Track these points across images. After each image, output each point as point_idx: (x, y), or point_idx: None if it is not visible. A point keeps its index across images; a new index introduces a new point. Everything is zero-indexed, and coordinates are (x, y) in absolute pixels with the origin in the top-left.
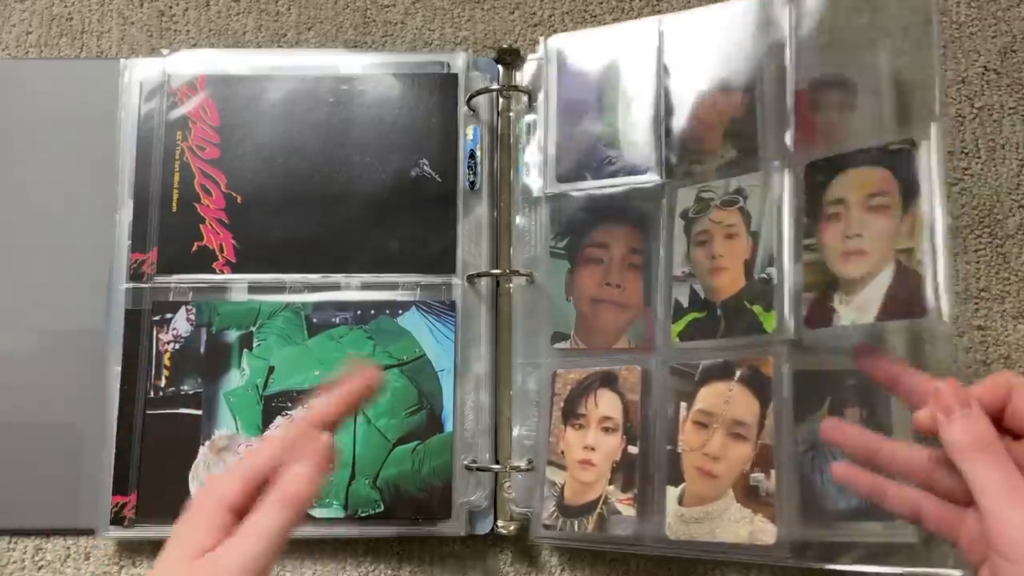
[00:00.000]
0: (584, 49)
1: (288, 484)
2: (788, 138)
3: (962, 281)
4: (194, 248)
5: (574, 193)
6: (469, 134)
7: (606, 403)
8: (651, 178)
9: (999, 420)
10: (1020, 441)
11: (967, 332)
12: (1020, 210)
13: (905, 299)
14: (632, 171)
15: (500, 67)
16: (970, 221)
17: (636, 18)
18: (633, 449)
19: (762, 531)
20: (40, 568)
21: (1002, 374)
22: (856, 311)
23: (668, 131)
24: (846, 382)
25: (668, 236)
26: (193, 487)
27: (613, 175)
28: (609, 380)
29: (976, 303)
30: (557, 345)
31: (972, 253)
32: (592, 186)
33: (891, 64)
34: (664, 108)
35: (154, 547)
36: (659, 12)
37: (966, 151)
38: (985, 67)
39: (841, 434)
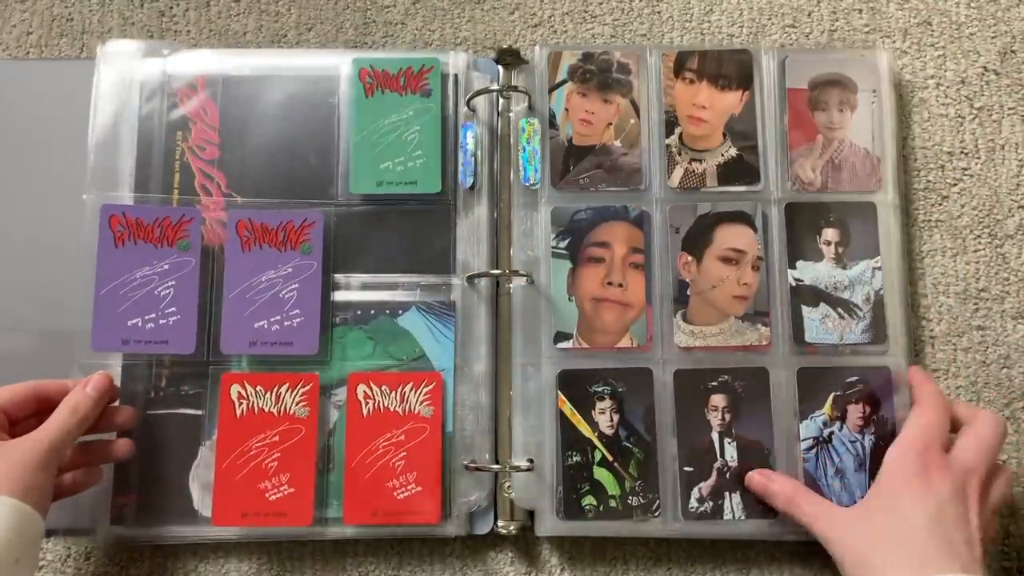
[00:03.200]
0: None
1: (77, 396)
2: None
3: (961, 281)
4: None
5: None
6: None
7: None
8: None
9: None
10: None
11: (966, 332)
12: (1020, 210)
13: None
14: None
15: (500, 67)
16: (970, 221)
17: (636, 18)
18: None
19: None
20: (40, 568)
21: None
22: None
23: None
24: (847, 379)
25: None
26: (193, 487)
27: None
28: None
29: (976, 303)
30: (559, 345)
31: (972, 253)
32: None
33: None
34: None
35: (154, 547)
36: (658, 12)
37: (965, 151)
38: (985, 67)
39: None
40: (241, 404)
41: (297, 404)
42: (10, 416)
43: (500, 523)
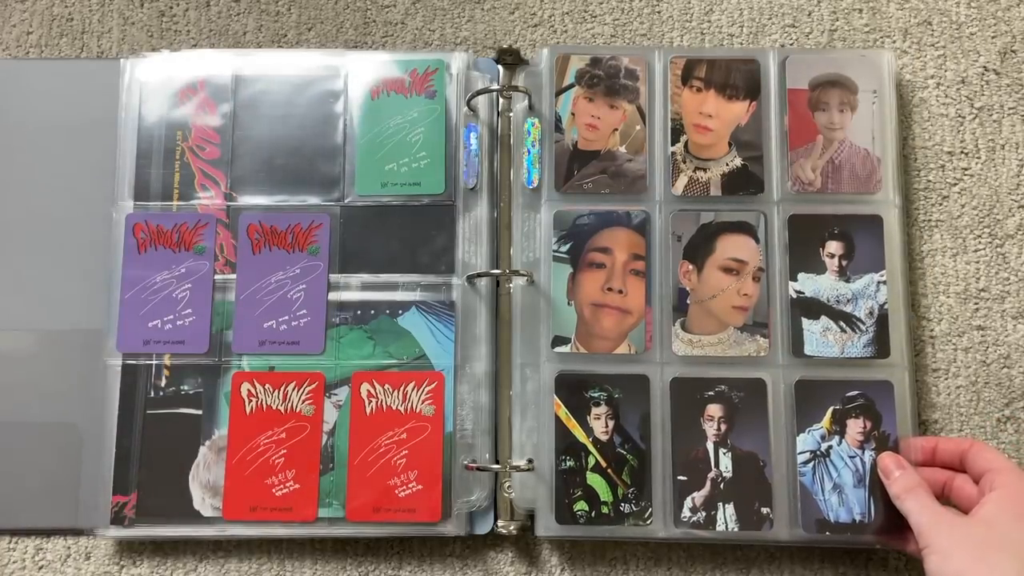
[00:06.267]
0: None
1: None
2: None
3: (962, 281)
4: None
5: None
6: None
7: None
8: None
9: (956, 464)
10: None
11: (967, 332)
12: (1020, 210)
13: None
14: None
15: (500, 67)
16: (970, 221)
17: (636, 18)
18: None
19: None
20: (40, 568)
21: (967, 440)
22: None
23: None
24: (847, 393)
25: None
26: (193, 487)
27: None
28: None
29: (976, 303)
30: (557, 349)
31: (972, 253)
32: None
33: None
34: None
35: (154, 547)
36: (658, 12)
37: (966, 151)
38: (985, 67)
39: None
40: (251, 402)
41: (303, 402)
42: None
43: (500, 523)
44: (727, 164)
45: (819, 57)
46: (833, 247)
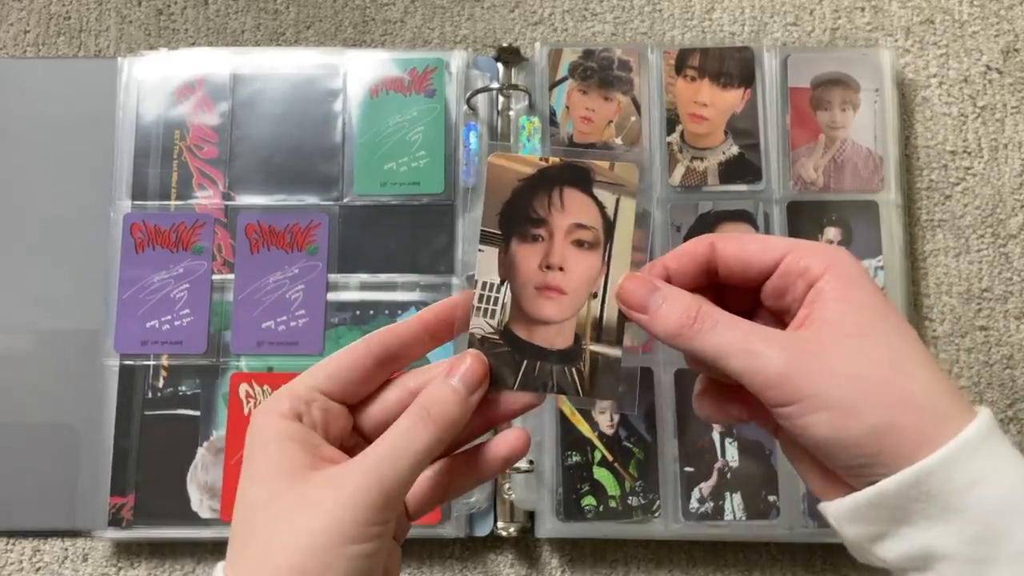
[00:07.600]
0: None
1: (436, 401)
2: None
3: (964, 281)
4: None
5: None
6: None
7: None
8: None
9: (710, 281)
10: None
11: (969, 333)
12: (1022, 210)
13: None
14: None
15: (500, 66)
16: (972, 221)
17: (637, 16)
18: None
19: None
20: (38, 569)
21: (699, 238)
22: None
23: None
24: None
25: None
26: (191, 488)
27: None
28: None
29: (978, 303)
30: None
31: (975, 253)
32: None
33: None
34: None
35: (152, 548)
36: (659, 10)
37: (968, 150)
38: (988, 66)
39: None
40: (249, 403)
41: None
42: (348, 398)
43: (500, 525)
44: (724, 153)
45: (821, 56)
46: (831, 233)
